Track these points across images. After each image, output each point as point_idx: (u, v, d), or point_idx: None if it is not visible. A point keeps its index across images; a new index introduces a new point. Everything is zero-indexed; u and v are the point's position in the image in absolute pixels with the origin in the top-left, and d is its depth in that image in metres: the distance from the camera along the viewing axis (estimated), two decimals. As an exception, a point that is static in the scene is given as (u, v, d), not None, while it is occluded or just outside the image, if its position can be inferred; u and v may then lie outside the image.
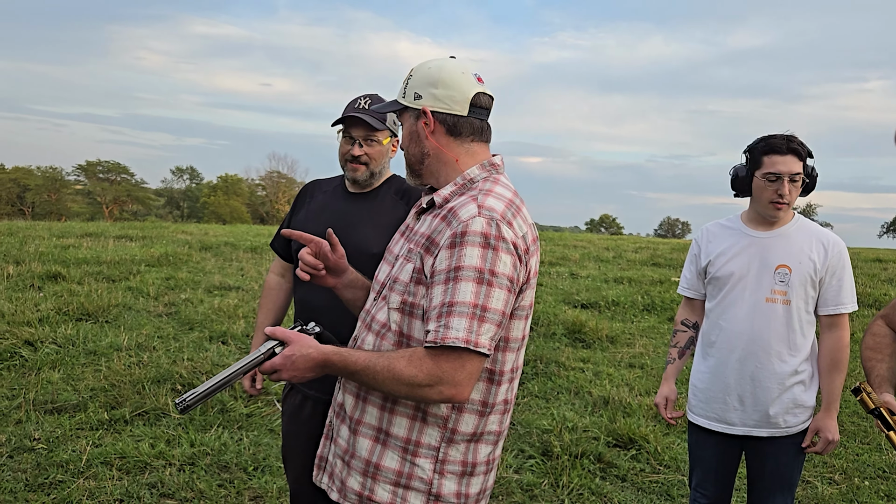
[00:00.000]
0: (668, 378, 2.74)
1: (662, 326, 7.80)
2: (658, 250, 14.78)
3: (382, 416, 1.62)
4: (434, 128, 1.66)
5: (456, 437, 1.60)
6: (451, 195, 1.65)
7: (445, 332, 1.46)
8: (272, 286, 2.56)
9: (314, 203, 2.40)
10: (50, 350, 5.34)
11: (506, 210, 1.56)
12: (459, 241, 1.50)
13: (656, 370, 6.06)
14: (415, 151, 1.70)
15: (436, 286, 1.51)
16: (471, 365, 1.48)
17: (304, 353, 1.55)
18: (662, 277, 10.65)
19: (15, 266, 8.55)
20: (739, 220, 2.58)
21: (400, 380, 1.48)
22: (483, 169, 1.68)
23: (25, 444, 3.81)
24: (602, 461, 4.05)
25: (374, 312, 1.69)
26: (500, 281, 1.49)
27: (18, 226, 14.43)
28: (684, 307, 2.75)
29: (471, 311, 1.46)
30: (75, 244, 11.09)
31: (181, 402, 1.56)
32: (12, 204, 56.12)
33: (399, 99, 1.72)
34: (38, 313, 6.26)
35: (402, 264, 1.65)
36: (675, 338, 2.76)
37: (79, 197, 63.04)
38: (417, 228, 1.69)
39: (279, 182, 64.74)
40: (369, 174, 2.27)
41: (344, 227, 2.19)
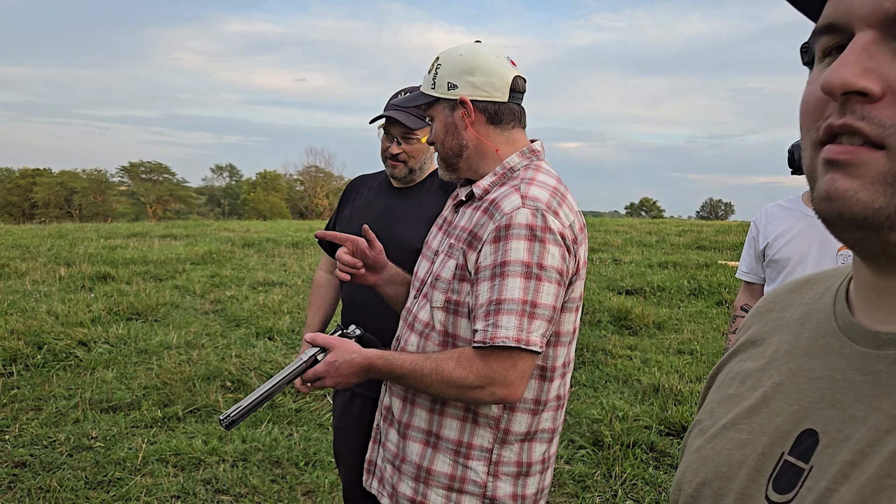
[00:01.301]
0: None
1: (710, 311, 7.64)
2: (702, 233, 14.47)
3: (432, 419, 1.58)
4: (474, 118, 1.59)
5: (509, 437, 1.55)
6: (491, 186, 1.58)
7: (495, 332, 1.41)
8: (320, 283, 2.54)
9: (359, 199, 2.39)
10: (103, 350, 5.46)
11: (550, 199, 1.49)
12: (504, 234, 1.44)
13: (706, 356, 5.94)
14: (452, 145, 1.62)
15: (481, 283, 1.46)
16: (522, 364, 1.43)
17: (348, 359, 1.51)
18: (708, 261, 10.44)
19: (66, 268, 8.77)
20: (800, 200, 2.49)
21: (449, 382, 1.44)
22: (523, 156, 1.61)
23: (84, 443, 3.90)
24: (654, 450, 3.98)
25: (415, 311, 1.65)
26: (548, 274, 1.43)
27: (67, 228, 14.82)
28: (744, 292, 2.68)
29: (520, 307, 1.41)
30: (122, 245, 11.34)
31: (225, 418, 1.53)
32: (60, 207, 57.76)
33: (427, 91, 1.64)
34: (90, 314, 6.40)
35: (443, 261, 1.59)
36: (735, 324, 2.69)
37: (123, 198, 64.56)
38: (457, 222, 1.64)
39: (317, 176, 65.31)
40: (408, 171, 2.23)
41: (387, 223, 2.19)
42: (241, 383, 4.83)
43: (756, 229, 2.57)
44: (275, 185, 65.16)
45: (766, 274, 2.53)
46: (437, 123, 1.63)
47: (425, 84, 1.65)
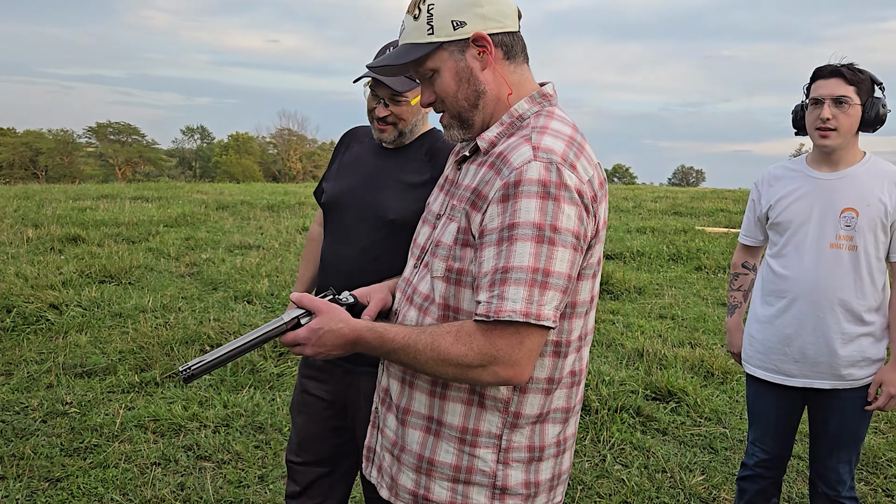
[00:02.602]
0: (738, 324, 2.64)
1: (690, 276, 7.66)
2: (678, 199, 14.54)
3: (433, 404, 1.41)
4: (494, 54, 1.37)
5: (520, 420, 1.38)
6: (497, 137, 1.39)
7: (500, 304, 1.23)
8: (314, 237, 2.43)
9: (348, 154, 2.25)
10: (76, 313, 5.30)
11: (567, 150, 1.30)
12: (513, 192, 1.25)
13: (688, 321, 5.95)
14: (467, 93, 1.38)
15: (486, 248, 1.27)
16: (530, 340, 1.25)
17: (334, 328, 1.34)
18: (685, 226, 10.47)
19: (34, 229, 8.51)
20: (804, 161, 2.41)
21: (446, 360, 1.27)
22: (533, 101, 1.41)
23: (58, 409, 3.78)
24: (641, 415, 3.97)
25: (415, 282, 1.47)
26: (563, 238, 1.24)
27: (34, 189, 14.40)
28: (742, 251, 2.63)
29: (530, 276, 1.23)
30: (92, 206, 11.03)
31: (185, 370, 1.39)
32: (25, 168, 56.24)
33: (422, 39, 1.37)
34: (61, 276, 6.21)
35: (444, 224, 1.41)
36: (738, 281, 2.64)
37: (91, 159, 63.04)
38: (460, 180, 1.45)
39: (290, 140, 64.34)
40: (397, 134, 2.07)
41: (368, 186, 2.08)
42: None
43: (757, 192, 2.50)
44: (247, 147, 64.08)
45: (770, 237, 2.47)
46: (445, 74, 1.38)
47: (415, 32, 1.38)
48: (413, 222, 2.01)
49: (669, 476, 3.37)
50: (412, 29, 1.39)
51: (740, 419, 4.01)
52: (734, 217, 11.66)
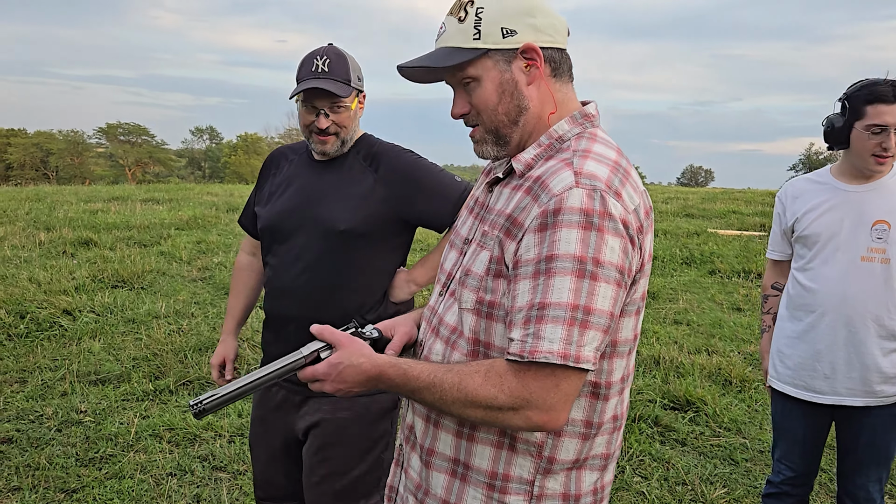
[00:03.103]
0: (768, 347, 2.57)
1: (704, 280, 7.60)
2: (689, 200, 14.44)
3: (459, 445, 1.31)
4: (541, 70, 1.28)
5: (554, 466, 1.27)
6: (535, 160, 1.28)
7: (535, 344, 1.13)
8: (243, 266, 2.33)
9: (280, 175, 2.16)
10: (89, 319, 5.29)
11: (611, 176, 1.20)
12: (552, 220, 1.15)
13: (703, 326, 5.89)
14: (508, 108, 1.28)
15: (520, 281, 1.17)
16: (567, 384, 1.15)
17: (355, 363, 1.25)
18: (698, 229, 10.40)
19: (46, 233, 8.52)
20: (829, 174, 2.37)
21: (474, 401, 1.17)
22: (574, 122, 1.30)
23: (73, 418, 3.76)
24: (660, 425, 3.93)
25: (440, 312, 1.37)
26: (606, 273, 1.14)
27: (45, 191, 14.44)
28: (772, 270, 2.58)
29: (569, 314, 1.12)
30: (103, 209, 11.04)
31: (196, 404, 1.32)
32: (36, 169, 56.53)
33: (467, 44, 1.26)
34: (74, 281, 6.21)
35: (474, 251, 1.31)
36: (768, 303, 2.60)
37: (101, 160, 63.32)
38: (492, 204, 1.34)
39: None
40: (340, 143, 2.01)
41: (309, 202, 2.02)
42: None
43: (782, 206, 2.45)
44: (256, 147, 64.18)
45: (795, 250, 2.43)
46: (487, 84, 1.28)
47: (459, 36, 1.27)
48: (364, 231, 1.99)
49: (690, 489, 3.32)
50: (455, 32, 1.29)
51: (760, 429, 3.96)
52: (746, 219, 11.57)
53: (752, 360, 5.05)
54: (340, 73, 1.96)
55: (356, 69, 2.03)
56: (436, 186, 2.04)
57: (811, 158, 69.02)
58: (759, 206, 12.98)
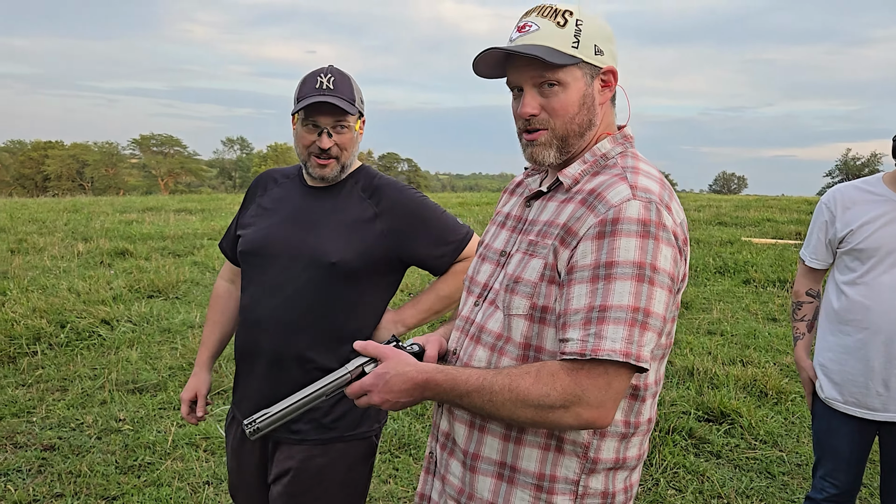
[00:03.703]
0: (802, 356, 2.50)
1: (738, 290, 7.50)
2: (721, 208, 14.24)
3: (506, 449, 1.35)
4: (611, 93, 1.39)
5: (598, 466, 1.34)
6: (581, 175, 1.36)
7: (597, 343, 1.18)
8: (221, 294, 2.17)
9: (268, 197, 2.03)
10: (126, 328, 5.40)
11: (662, 191, 1.29)
12: (610, 229, 1.22)
13: (738, 337, 5.82)
14: (582, 120, 1.35)
15: (577, 285, 1.23)
16: (618, 382, 1.21)
17: (401, 371, 1.30)
18: (731, 237, 10.26)
19: (84, 243, 8.72)
20: (882, 183, 2.28)
21: (525, 401, 1.21)
22: (615, 142, 1.40)
23: (112, 426, 3.84)
24: (694, 437, 3.88)
25: (480, 321, 1.42)
26: (661, 279, 1.22)
27: (82, 202, 14.78)
28: (806, 276, 2.50)
29: (630, 315, 1.19)
30: (138, 219, 11.27)
31: (251, 423, 1.36)
32: (72, 179, 57.84)
33: (567, 49, 1.32)
34: (112, 291, 6.34)
35: (523, 261, 1.35)
36: (802, 310, 2.52)
37: (135, 171, 64.63)
38: (535, 217, 1.40)
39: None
40: (340, 169, 1.89)
41: (298, 229, 1.90)
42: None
43: (830, 214, 2.35)
44: (286, 157, 64.93)
45: (842, 262, 2.34)
46: (572, 92, 1.34)
47: (558, 39, 1.32)
48: (356, 266, 1.86)
49: (726, 502, 3.28)
50: (553, 34, 1.33)
51: (797, 442, 3.89)
52: (781, 227, 11.40)
53: (788, 372, 4.97)
54: (345, 92, 1.87)
55: (359, 92, 1.94)
56: (440, 229, 1.94)
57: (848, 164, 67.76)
58: (795, 214, 12.77)
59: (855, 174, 67.46)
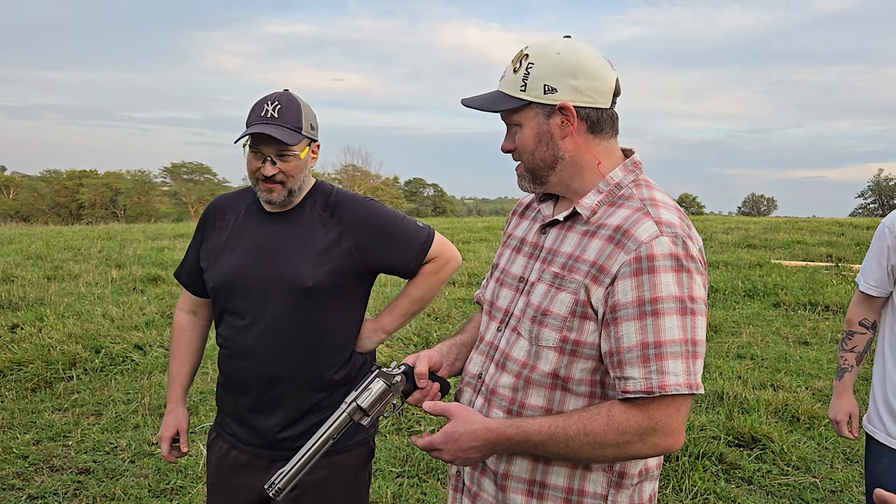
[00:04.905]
0: (847, 389, 2.35)
1: (768, 313, 7.41)
2: (750, 231, 14.09)
3: (535, 468, 1.42)
4: (576, 126, 1.39)
5: (624, 480, 1.40)
6: (598, 205, 1.41)
7: (662, 379, 1.25)
8: (184, 326, 2.15)
9: (227, 227, 2.02)
10: (158, 354, 5.49)
11: (682, 222, 1.35)
12: (646, 266, 1.28)
13: (768, 360, 5.74)
14: (544, 155, 1.42)
15: (624, 322, 1.29)
16: (685, 408, 1.29)
17: (470, 430, 1.34)
18: (761, 260, 10.15)
19: (117, 270, 8.90)
20: None
21: (604, 442, 1.28)
22: (626, 170, 1.44)
23: (145, 450, 3.90)
24: (724, 462, 3.84)
25: (504, 348, 1.47)
26: (699, 307, 1.30)
27: (115, 229, 15.08)
28: (862, 304, 2.33)
29: (683, 349, 1.26)
30: (169, 246, 11.48)
31: (271, 486, 1.41)
32: (106, 207, 59.06)
33: (515, 93, 1.40)
34: (144, 317, 6.46)
35: (549, 293, 1.39)
36: (853, 340, 2.35)
37: (166, 198, 65.74)
38: (553, 246, 1.45)
39: (354, 175, 65.68)
40: (287, 193, 1.91)
41: (270, 258, 1.90)
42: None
43: (893, 239, 2.18)
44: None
45: None
46: (526, 131, 1.42)
47: (510, 85, 1.41)
48: (331, 285, 1.90)
49: (758, 529, 3.23)
50: (509, 80, 1.43)
51: (831, 468, 3.83)
52: (811, 249, 11.25)
53: (820, 396, 4.90)
54: (290, 121, 1.87)
55: (310, 117, 1.94)
56: (403, 235, 1.98)
57: (881, 185, 66.60)
58: (825, 236, 12.59)
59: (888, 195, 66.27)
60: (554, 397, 1.39)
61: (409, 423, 4.37)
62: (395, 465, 3.80)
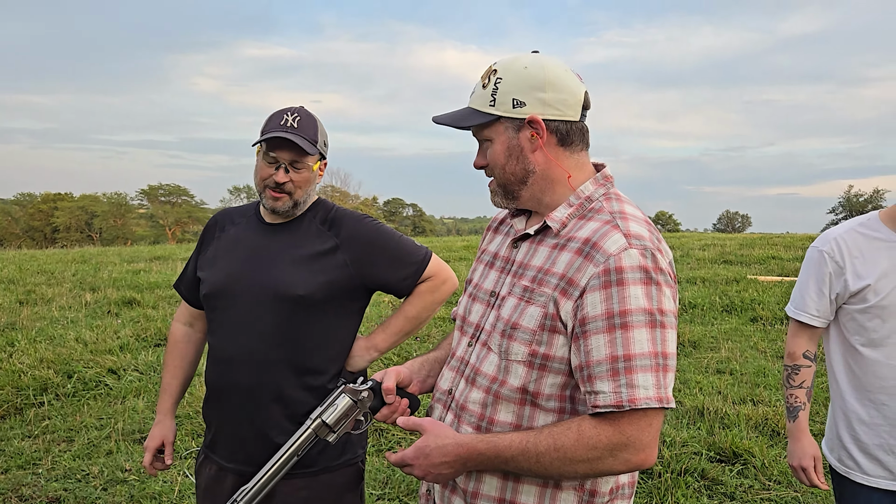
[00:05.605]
0: (804, 430, 2.16)
1: (746, 328, 7.46)
2: (726, 247, 14.24)
3: (505, 486, 1.38)
4: (545, 139, 1.39)
5: (595, 499, 1.37)
6: (568, 218, 1.40)
7: (632, 392, 1.22)
8: (179, 338, 2.16)
9: (225, 237, 2.04)
10: (133, 377, 5.39)
11: (651, 235, 1.33)
12: (615, 278, 1.26)
13: (747, 375, 5.77)
14: (515, 170, 1.41)
15: (592, 336, 1.26)
16: (657, 422, 1.26)
17: (440, 445, 1.32)
18: (737, 276, 10.24)
19: (92, 293, 8.76)
20: (882, 225, 2.03)
21: (574, 458, 1.25)
22: (597, 184, 1.43)
23: (118, 476, 3.81)
24: (706, 478, 3.82)
25: (474, 362, 1.45)
26: (668, 320, 1.27)
27: (90, 252, 14.88)
28: (801, 335, 2.18)
29: (653, 361, 1.24)
30: (145, 269, 11.34)
31: None
32: (81, 231, 58.32)
33: (484, 108, 1.41)
34: (119, 341, 6.35)
35: (519, 307, 1.38)
36: (800, 375, 2.19)
37: (142, 221, 65.14)
38: (524, 260, 1.43)
39: (333, 196, 65.56)
40: (292, 204, 1.92)
41: (260, 266, 1.91)
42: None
43: (836, 265, 2.06)
44: (292, 205, 65.39)
45: (856, 320, 2.04)
46: (497, 146, 1.42)
47: (479, 100, 1.42)
48: (323, 296, 1.88)
49: (741, 545, 3.22)
50: (479, 96, 1.43)
51: (812, 482, 3.83)
52: (787, 264, 11.38)
53: (799, 410, 4.92)
54: (308, 133, 1.91)
55: (323, 134, 1.97)
56: (399, 252, 1.98)
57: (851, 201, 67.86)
58: (800, 251, 12.75)
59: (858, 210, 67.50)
60: (523, 413, 1.37)
61: (391, 443, 4.32)
62: (375, 487, 3.74)
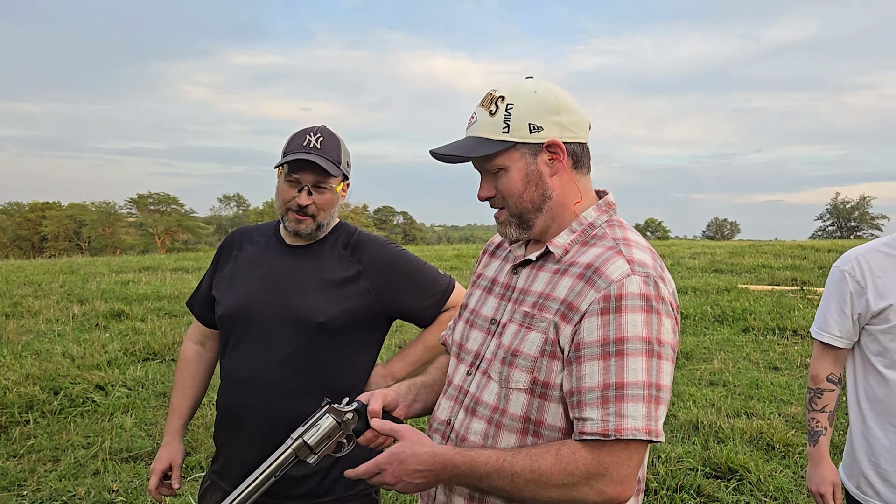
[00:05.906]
0: (824, 455, 2.12)
1: (738, 339, 7.45)
2: (716, 255, 14.25)
3: None
4: (564, 163, 1.37)
5: None
6: (570, 245, 1.38)
7: (619, 422, 1.19)
8: (190, 357, 2.10)
9: (243, 256, 1.99)
10: (121, 394, 5.31)
11: (654, 263, 1.32)
12: (615, 305, 1.23)
13: (740, 387, 5.75)
14: (533, 196, 1.37)
15: (586, 362, 1.24)
16: (638, 456, 1.22)
17: (416, 452, 1.28)
18: (728, 285, 10.25)
19: (79, 305, 8.66)
20: None
21: (548, 482, 1.22)
22: (600, 210, 1.42)
23: (105, 497, 3.74)
24: (702, 494, 3.79)
25: (474, 392, 1.41)
26: (666, 351, 1.24)
27: (79, 263, 14.74)
28: (826, 358, 2.13)
29: (646, 392, 1.20)
30: (134, 279, 11.23)
31: None
32: (69, 240, 57.97)
33: (498, 136, 1.35)
34: (106, 355, 6.26)
35: (519, 333, 1.35)
36: (822, 399, 2.14)
37: (132, 229, 64.84)
38: (524, 286, 1.40)
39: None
40: (315, 227, 1.88)
41: (283, 290, 1.87)
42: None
43: (856, 284, 2.01)
44: (282, 213, 65.27)
45: (878, 341, 2.00)
46: (514, 173, 1.37)
47: (488, 128, 1.37)
48: (343, 324, 1.84)
49: (738, 564, 3.18)
50: (485, 123, 1.38)
51: (808, 498, 3.80)
52: (777, 273, 11.40)
53: (794, 423, 4.90)
54: (332, 154, 1.86)
55: (347, 154, 1.93)
56: (423, 281, 1.94)
57: (838, 207, 68.38)
58: (789, 259, 12.79)
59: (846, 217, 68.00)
60: (526, 443, 1.33)
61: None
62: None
